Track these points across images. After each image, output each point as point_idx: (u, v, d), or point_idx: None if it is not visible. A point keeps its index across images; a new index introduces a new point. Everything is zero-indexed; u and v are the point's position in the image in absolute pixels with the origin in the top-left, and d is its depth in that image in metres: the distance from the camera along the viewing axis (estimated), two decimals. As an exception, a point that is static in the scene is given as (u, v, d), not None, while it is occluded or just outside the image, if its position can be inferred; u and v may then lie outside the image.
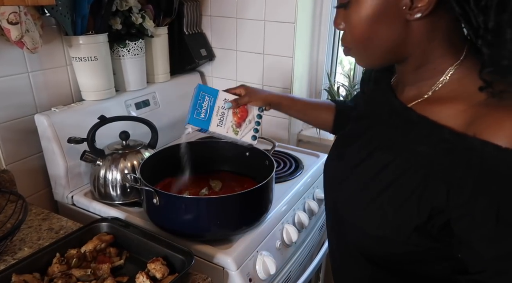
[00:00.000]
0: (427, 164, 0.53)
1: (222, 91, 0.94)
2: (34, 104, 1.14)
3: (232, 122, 0.93)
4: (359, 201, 0.62)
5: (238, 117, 0.93)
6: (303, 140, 1.60)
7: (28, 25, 0.97)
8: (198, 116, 0.91)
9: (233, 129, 0.93)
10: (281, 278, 1.07)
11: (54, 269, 0.80)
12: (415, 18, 0.52)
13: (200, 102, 0.91)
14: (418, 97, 0.58)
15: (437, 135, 0.52)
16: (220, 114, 0.92)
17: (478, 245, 0.50)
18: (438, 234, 0.54)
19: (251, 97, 0.93)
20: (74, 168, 1.14)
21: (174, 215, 0.92)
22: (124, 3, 1.22)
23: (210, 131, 0.92)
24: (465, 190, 0.49)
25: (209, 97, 0.92)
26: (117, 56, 1.27)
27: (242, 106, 0.94)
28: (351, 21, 0.56)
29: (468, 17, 0.49)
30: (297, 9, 1.34)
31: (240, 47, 1.52)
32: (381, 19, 0.54)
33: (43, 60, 1.14)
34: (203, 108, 0.91)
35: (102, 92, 1.23)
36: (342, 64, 1.61)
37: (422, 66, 0.57)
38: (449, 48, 0.55)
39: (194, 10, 1.49)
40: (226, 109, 0.93)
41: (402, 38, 0.55)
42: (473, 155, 0.48)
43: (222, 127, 0.92)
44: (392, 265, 0.63)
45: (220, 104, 0.93)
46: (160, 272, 0.79)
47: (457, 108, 0.52)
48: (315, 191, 1.27)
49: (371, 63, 0.62)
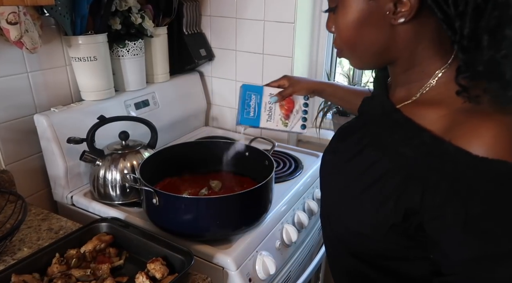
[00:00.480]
0: (408, 165, 0.54)
1: (266, 87, 0.97)
2: (34, 105, 1.14)
3: (280, 115, 0.95)
4: (344, 196, 0.64)
5: (286, 109, 0.95)
6: (302, 140, 1.60)
7: (27, 25, 0.97)
8: (247, 115, 0.94)
9: (282, 122, 0.95)
10: (280, 278, 1.07)
11: (53, 269, 0.80)
12: (399, 22, 0.53)
13: (248, 101, 0.94)
14: (407, 98, 0.59)
15: (418, 139, 0.53)
16: (268, 109, 0.95)
17: (448, 248, 0.51)
18: (415, 234, 0.55)
19: (295, 88, 0.95)
20: (74, 168, 1.13)
21: (174, 215, 0.92)
22: (123, 3, 1.22)
23: (261, 127, 0.94)
24: (439, 193, 0.50)
25: (255, 95, 0.95)
26: (117, 56, 1.27)
27: (288, 98, 0.96)
28: (339, 25, 0.58)
29: (449, 22, 0.49)
30: (297, 9, 1.34)
31: (239, 47, 1.52)
32: (367, 24, 0.55)
33: (43, 60, 1.14)
34: (251, 107, 0.94)
35: (102, 92, 1.22)
36: (342, 64, 1.61)
37: (410, 69, 0.58)
38: (437, 51, 0.55)
39: (194, 10, 1.49)
40: (273, 104, 0.95)
41: (389, 42, 0.56)
42: (447, 160, 0.49)
43: (271, 121, 0.95)
44: (374, 261, 0.64)
45: (267, 100, 0.95)
46: (159, 272, 0.79)
47: (439, 113, 0.53)
48: (314, 191, 1.27)
49: (361, 64, 0.64)
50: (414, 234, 0.55)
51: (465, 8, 0.47)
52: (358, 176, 0.61)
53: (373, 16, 0.54)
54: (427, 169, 0.51)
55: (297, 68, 1.45)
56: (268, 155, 1.06)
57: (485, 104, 0.49)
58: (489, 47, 0.48)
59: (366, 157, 0.61)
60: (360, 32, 0.56)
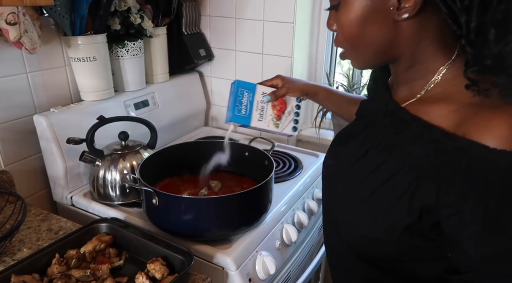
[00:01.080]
0: (418, 164, 0.53)
1: (259, 85, 0.94)
2: (33, 105, 1.14)
3: (272, 116, 0.93)
4: (351, 201, 0.63)
5: (277, 109, 0.93)
6: (302, 140, 1.60)
7: (26, 25, 0.97)
8: (239, 113, 0.91)
9: (273, 123, 0.93)
10: (280, 278, 1.07)
11: (53, 269, 0.80)
12: (402, 18, 0.52)
13: (240, 98, 0.91)
14: (411, 97, 0.59)
15: (428, 136, 0.52)
16: (260, 108, 0.92)
17: (466, 245, 0.50)
18: (430, 234, 0.55)
19: (289, 89, 0.93)
20: (73, 169, 1.13)
21: (174, 215, 0.92)
22: (122, 3, 1.21)
23: (252, 126, 0.92)
24: (454, 190, 0.49)
25: (248, 93, 0.92)
26: (116, 56, 1.27)
27: (281, 98, 0.94)
28: (341, 22, 0.57)
29: (455, 17, 0.49)
30: (296, 9, 1.34)
31: (239, 47, 1.52)
32: (370, 20, 0.55)
33: (42, 61, 1.14)
34: (243, 104, 0.91)
35: (101, 92, 1.22)
36: (341, 64, 1.61)
37: (414, 66, 0.58)
38: (441, 48, 0.55)
39: (193, 10, 1.49)
40: (265, 103, 0.93)
41: (392, 38, 0.55)
42: (461, 155, 0.48)
43: (262, 121, 0.92)
44: (385, 265, 0.63)
45: (259, 98, 0.93)
46: (159, 272, 0.79)
47: (448, 108, 0.52)
48: (314, 191, 1.27)
49: (363, 63, 0.63)
50: (429, 234, 0.55)
51: (471, 2, 0.47)
52: (365, 179, 0.60)
53: (376, 12, 0.54)
54: (440, 166, 0.50)
55: (296, 68, 1.45)
56: (267, 155, 1.06)
57: (494, 98, 0.49)
58: (496, 40, 0.48)
59: (372, 159, 0.60)
60: (363, 29, 0.56)
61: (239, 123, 0.92)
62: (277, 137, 1.50)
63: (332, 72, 1.59)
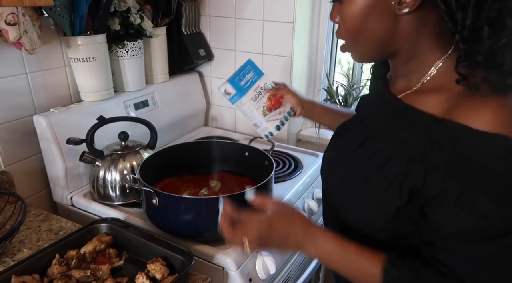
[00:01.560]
0: (410, 151, 0.55)
1: (265, 76, 0.97)
2: (33, 105, 1.14)
3: (264, 104, 0.96)
4: (347, 188, 0.66)
5: (271, 103, 0.96)
6: (302, 140, 1.60)
7: (26, 26, 0.97)
8: (238, 81, 0.93)
9: (263, 110, 0.95)
10: (281, 278, 1.07)
11: (53, 270, 0.80)
12: (403, 13, 0.54)
13: (245, 72, 0.95)
14: (408, 89, 0.61)
15: (420, 124, 0.55)
16: (257, 92, 0.95)
17: (438, 219, 0.53)
18: (419, 219, 0.57)
19: (289, 92, 0.97)
20: (73, 169, 1.13)
21: (174, 215, 0.92)
22: (122, 4, 1.21)
23: (242, 101, 0.93)
24: (439, 171, 0.51)
25: (253, 73, 0.95)
26: (116, 56, 1.27)
27: (278, 98, 0.97)
28: (344, 14, 0.60)
29: (451, 13, 0.51)
30: (296, 9, 1.34)
31: (238, 47, 1.52)
32: (372, 14, 0.57)
33: (42, 61, 1.14)
34: (245, 78, 0.94)
35: (101, 93, 1.22)
36: (341, 63, 1.61)
37: (411, 60, 0.60)
38: (438, 42, 0.57)
39: (193, 10, 1.49)
40: (264, 90, 0.95)
41: (392, 32, 0.58)
42: (447, 137, 0.50)
43: (255, 102, 0.94)
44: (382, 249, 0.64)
45: (261, 84, 0.96)
46: (160, 272, 0.79)
47: (441, 98, 0.54)
48: (314, 191, 1.27)
49: (363, 56, 0.66)
50: (419, 219, 0.57)
51: (467, 1, 0.49)
52: (360, 167, 0.63)
53: (378, 6, 0.56)
54: (429, 150, 0.52)
55: (296, 68, 1.45)
56: (267, 155, 1.06)
57: (484, 91, 0.51)
58: (489, 37, 0.50)
59: (368, 148, 0.63)
60: (365, 22, 0.58)
61: (234, 89, 0.93)
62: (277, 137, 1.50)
63: (332, 72, 1.59)
